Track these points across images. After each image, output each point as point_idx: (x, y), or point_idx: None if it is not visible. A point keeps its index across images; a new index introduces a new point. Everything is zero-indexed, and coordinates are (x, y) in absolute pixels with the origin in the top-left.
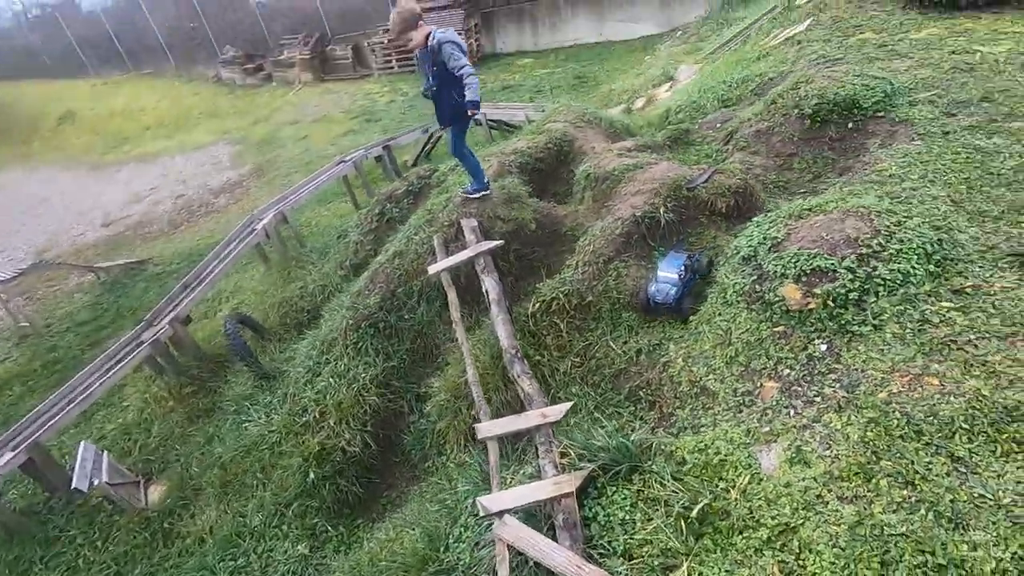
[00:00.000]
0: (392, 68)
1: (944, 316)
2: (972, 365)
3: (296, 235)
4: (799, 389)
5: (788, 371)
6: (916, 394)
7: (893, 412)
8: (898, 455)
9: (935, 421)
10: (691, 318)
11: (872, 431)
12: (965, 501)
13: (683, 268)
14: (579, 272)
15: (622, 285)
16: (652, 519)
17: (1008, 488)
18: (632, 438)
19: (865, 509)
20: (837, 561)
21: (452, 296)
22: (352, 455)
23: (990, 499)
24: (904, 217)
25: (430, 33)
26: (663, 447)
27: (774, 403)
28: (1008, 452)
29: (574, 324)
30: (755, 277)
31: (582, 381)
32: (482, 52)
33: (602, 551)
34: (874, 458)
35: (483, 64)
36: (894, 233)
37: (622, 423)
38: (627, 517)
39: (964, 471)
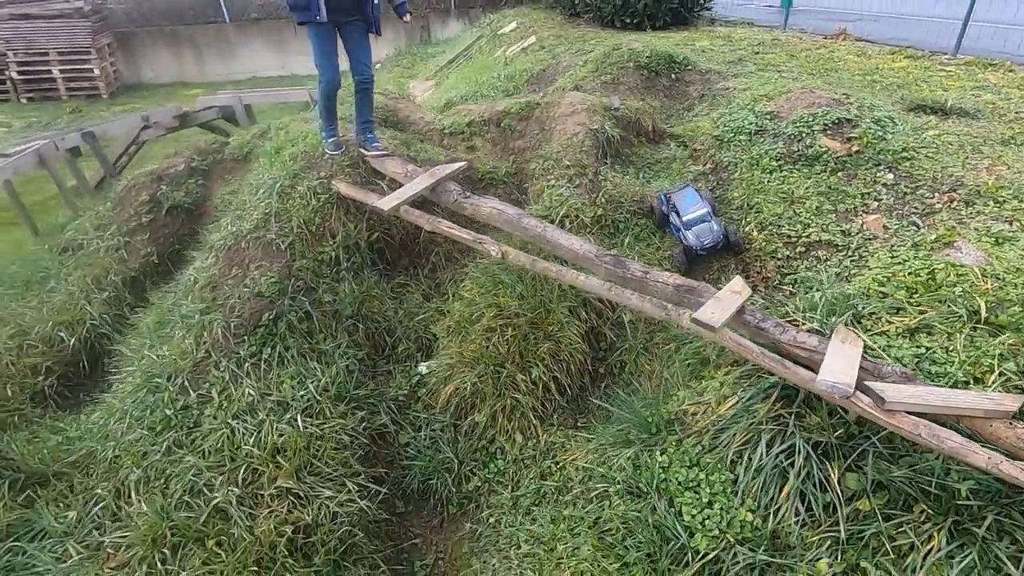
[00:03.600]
0: None
1: (939, 140)
2: (1000, 158)
3: None
4: (901, 211)
5: (875, 203)
6: (1007, 177)
7: (1012, 185)
8: None
9: None
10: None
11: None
12: None
13: (703, 200)
14: (572, 186)
15: (623, 192)
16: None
17: None
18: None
19: None
20: None
21: (444, 223)
22: (359, 520)
23: None
24: (842, 91)
25: None
26: (853, 290)
27: (893, 228)
28: None
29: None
30: (782, 142)
31: None
32: (121, 81)
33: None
34: None
35: (128, 95)
36: (853, 96)
37: None
38: (924, 353)
39: None
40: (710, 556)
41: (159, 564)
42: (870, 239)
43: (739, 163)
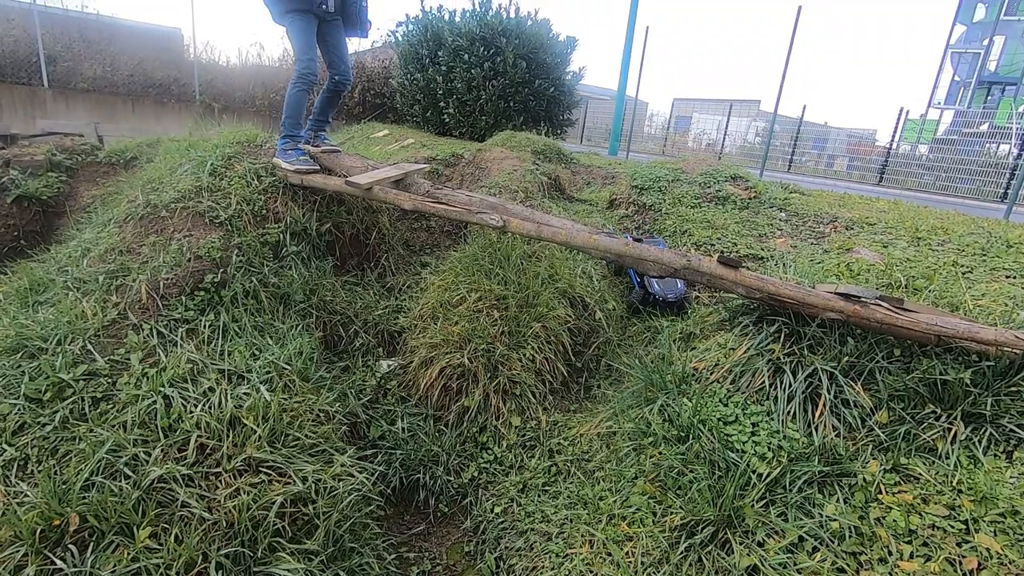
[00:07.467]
0: None
1: (800, 199)
2: (851, 208)
3: None
4: (799, 236)
5: (778, 231)
6: (866, 215)
7: (876, 218)
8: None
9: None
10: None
11: (889, 216)
12: None
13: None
14: (525, 206)
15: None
16: None
17: None
18: None
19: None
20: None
21: (429, 201)
22: (361, 498)
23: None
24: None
25: None
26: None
27: (799, 247)
28: None
29: None
30: (696, 187)
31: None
32: None
33: None
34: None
35: None
36: (734, 166)
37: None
38: None
39: None
40: (772, 476)
41: (61, 564)
42: (786, 253)
43: (663, 202)
